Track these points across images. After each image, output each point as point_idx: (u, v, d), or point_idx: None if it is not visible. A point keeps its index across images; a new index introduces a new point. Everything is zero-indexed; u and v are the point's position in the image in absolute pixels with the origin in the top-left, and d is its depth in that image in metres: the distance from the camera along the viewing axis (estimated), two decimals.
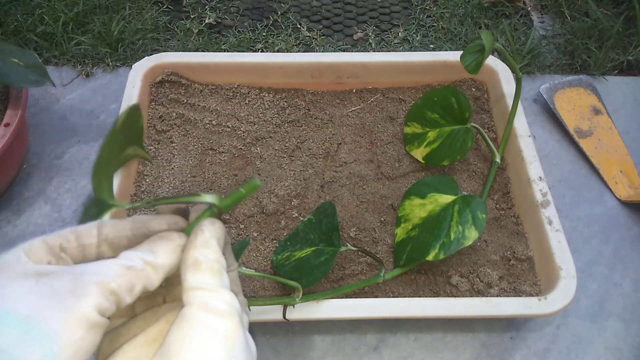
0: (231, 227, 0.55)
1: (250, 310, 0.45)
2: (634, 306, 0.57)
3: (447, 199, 0.52)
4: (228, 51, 0.78)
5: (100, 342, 0.22)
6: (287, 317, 0.46)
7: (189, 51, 0.77)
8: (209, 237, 0.25)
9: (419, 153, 0.61)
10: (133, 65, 0.63)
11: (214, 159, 0.61)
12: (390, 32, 0.83)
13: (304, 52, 0.79)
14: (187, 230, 0.27)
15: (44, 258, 0.23)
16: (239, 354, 0.23)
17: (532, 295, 0.51)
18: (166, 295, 0.28)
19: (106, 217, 0.27)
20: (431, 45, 0.80)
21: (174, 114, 0.63)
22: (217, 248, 0.25)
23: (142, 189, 0.58)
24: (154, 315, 0.27)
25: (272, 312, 0.46)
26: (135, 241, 0.26)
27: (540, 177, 0.55)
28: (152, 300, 0.28)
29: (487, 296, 0.51)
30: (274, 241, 0.55)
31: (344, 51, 0.79)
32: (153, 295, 0.28)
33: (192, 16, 0.83)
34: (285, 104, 0.65)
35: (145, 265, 0.24)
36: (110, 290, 0.22)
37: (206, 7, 0.85)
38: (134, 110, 0.26)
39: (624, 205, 0.64)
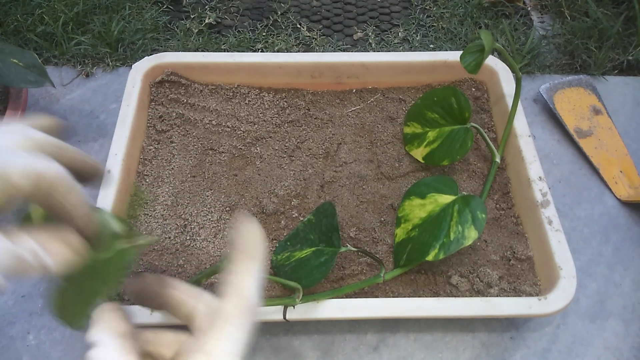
0: (231, 229, 0.55)
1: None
2: (634, 306, 0.57)
3: (447, 199, 0.52)
4: (228, 51, 0.77)
5: None
6: (287, 317, 0.46)
7: (189, 51, 0.77)
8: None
9: (419, 153, 0.61)
10: (133, 65, 0.63)
11: (214, 159, 0.61)
12: (390, 32, 0.83)
13: (304, 52, 0.79)
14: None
15: None
16: None
17: (532, 295, 0.51)
18: None
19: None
20: (431, 45, 0.80)
21: (174, 114, 0.63)
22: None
23: (142, 189, 0.58)
24: None
25: (272, 313, 0.46)
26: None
27: (540, 177, 0.55)
28: None
29: (487, 296, 0.51)
30: (274, 241, 0.55)
31: (344, 51, 0.79)
32: None
33: (192, 16, 0.83)
34: (285, 104, 0.65)
35: (34, 259, 0.24)
36: None
37: (206, 7, 0.85)
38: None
39: (624, 205, 0.64)
